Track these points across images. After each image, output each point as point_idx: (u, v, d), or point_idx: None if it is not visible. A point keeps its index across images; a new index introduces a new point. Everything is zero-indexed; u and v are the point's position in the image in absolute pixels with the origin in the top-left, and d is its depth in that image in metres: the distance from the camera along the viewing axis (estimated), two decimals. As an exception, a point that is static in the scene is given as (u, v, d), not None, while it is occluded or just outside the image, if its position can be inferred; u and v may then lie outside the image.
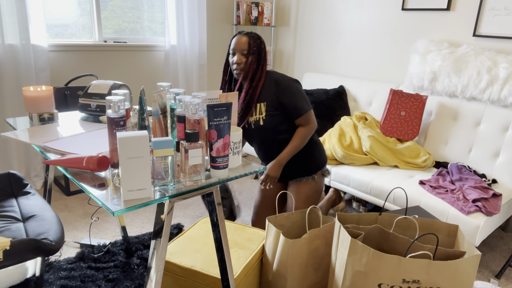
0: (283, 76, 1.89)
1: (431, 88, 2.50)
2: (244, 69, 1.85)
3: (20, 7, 2.41)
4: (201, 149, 1.02)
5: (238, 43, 1.83)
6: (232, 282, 1.31)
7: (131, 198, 0.94)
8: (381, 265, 1.14)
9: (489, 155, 2.24)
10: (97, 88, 1.71)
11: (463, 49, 2.38)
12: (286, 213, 1.61)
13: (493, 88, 2.21)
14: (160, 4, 3.22)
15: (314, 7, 3.29)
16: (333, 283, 1.32)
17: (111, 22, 3.00)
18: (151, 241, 1.07)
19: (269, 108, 1.89)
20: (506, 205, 1.99)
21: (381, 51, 2.91)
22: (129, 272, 1.82)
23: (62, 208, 2.47)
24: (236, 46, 1.83)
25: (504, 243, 2.27)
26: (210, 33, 3.52)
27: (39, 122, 1.56)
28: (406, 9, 2.71)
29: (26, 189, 1.56)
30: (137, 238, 2.11)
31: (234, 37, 1.86)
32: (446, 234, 1.37)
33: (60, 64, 2.74)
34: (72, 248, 2.03)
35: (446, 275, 1.12)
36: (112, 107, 1.05)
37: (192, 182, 1.04)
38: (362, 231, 1.31)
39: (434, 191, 2.00)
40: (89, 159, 1.04)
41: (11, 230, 1.28)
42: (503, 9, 2.28)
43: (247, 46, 1.83)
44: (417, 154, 2.38)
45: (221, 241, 1.25)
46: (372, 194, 2.19)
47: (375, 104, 2.78)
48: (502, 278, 1.95)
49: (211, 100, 1.29)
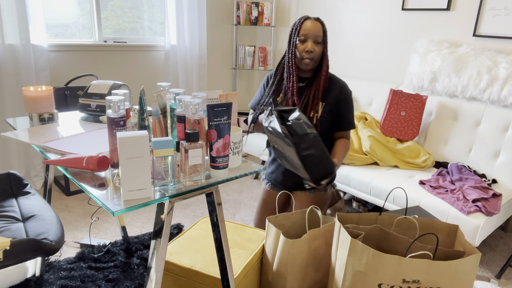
0: (346, 84, 1.76)
1: (431, 88, 2.50)
2: (315, 59, 1.66)
3: (20, 7, 2.41)
4: (201, 149, 1.02)
5: (312, 29, 1.60)
6: (232, 282, 1.31)
7: (131, 198, 0.94)
8: (381, 265, 1.14)
9: (489, 155, 2.24)
10: (97, 88, 1.71)
11: (463, 49, 2.38)
12: (286, 213, 1.61)
13: (493, 88, 2.21)
14: (160, 4, 3.22)
15: (314, 7, 3.29)
16: (333, 283, 1.32)
17: (111, 22, 3.00)
18: (151, 241, 1.07)
19: (326, 110, 1.73)
20: (506, 205, 1.99)
21: (381, 51, 2.91)
22: (129, 272, 1.82)
23: (62, 208, 2.47)
24: (310, 32, 1.61)
25: (504, 243, 2.27)
26: (210, 33, 3.52)
27: (39, 122, 1.55)
28: (406, 9, 2.71)
29: (26, 189, 1.56)
30: (137, 238, 2.11)
31: (304, 21, 1.63)
32: (446, 234, 1.37)
33: (60, 64, 2.74)
34: (72, 248, 2.03)
35: (446, 275, 1.12)
36: (112, 107, 1.05)
37: (192, 182, 1.04)
38: (362, 231, 1.31)
39: (434, 191, 2.00)
40: (89, 159, 1.04)
41: (11, 230, 1.28)
42: (503, 9, 2.28)
43: (322, 33, 1.63)
44: (417, 154, 2.38)
45: (221, 241, 1.25)
46: (372, 194, 2.19)
47: (375, 104, 2.78)
48: (502, 278, 1.95)
49: (211, 100, 1.29)
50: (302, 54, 1.65)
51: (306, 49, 1.63)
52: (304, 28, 1.62)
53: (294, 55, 1.68)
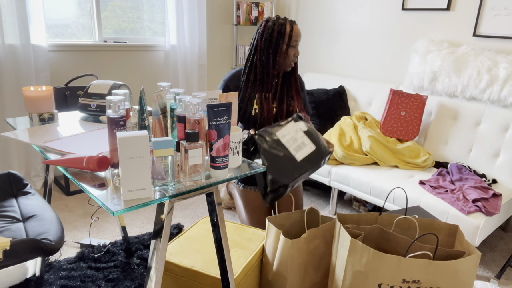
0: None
1: (431, 88, 2.50)
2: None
3: (20, 7, 2.41)
4: (201, 149, 1.02)
5: (299, 34, 1.68)
6: (232, 282, 1.31)
7: (131, 198, 0.94)
8: (381, 265, 1.14)
9: (489, 155, 2.24)
10: (97, 88, 1.71)
11: (463, 49, 2.38)
12: (285, 213, 1.61)
13: (493, 88, 2.21)
14: (160, 4, 3.22)
15: (314, 7, 3.29)
16: (333, 283, 1.32)
17: (111, 22, 3.00)
18: (151, 241, 1.07)
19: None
20: (506, 205, 1.99)
21: (381, 51, 2.91)
22: (129, 272, 1.82)
23: (62, 208, 2.47)
24: (298, 38, 1.69)
25: (504, 243, 2.27)
26: (210, 33, 3.52)
27: (39, 122, 1.55)
28: (406, 9, 2.71)
29: (26, 189, 1.56)
30: (137, 238, 2.11)
31: (292, 27, 1.66)
32: (446, 234, 1.37)
33: (60, 64, 2.74)
34: (72, 248, 2.03)
35: (446, 275, 1.12)
36: (112, 107, 1.05)
37: (192, 182, 1.04)
38: (362, 231, 1.31)
39: (434, 191, 2.00)
40: (89, 159, 1.04)
41: (11, 230, 1.28)
42: (503, 9, 2.28)
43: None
44: (417, 154, 2.38)
45: (221, 241, 1.25)
46: (372, 194, 2.19)
47: (375, 104, 2.78)
48: (502, 278, 1.95)
49: (211, 100, 1.29)
50: (293, 59, 1.70)
51: (296, 54, 1.70)
52: (296, 34, 1.67)
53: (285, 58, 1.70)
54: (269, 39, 1.67)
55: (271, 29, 1.66)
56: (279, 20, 1.67)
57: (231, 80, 1.82)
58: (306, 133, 1.56)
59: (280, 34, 1.66)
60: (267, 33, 1.67)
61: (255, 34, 1.73)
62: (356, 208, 2.63)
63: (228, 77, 1.83)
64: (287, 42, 1.67)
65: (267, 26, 1.67)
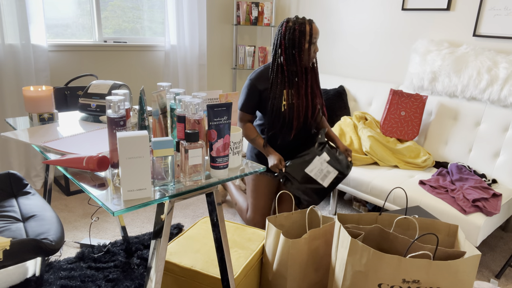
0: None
1: (431, 88, 2.50)
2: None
3: (20, 7, 2.41)
4: (201, 149, 1.02)
5: (317, 32, 1.82)
6: (232, 282, 1.31)
7: (131, 198, 0.94)
8: (381, 265, 1.14)
9: (489, 155, 2.24)
10: (97, 88, 1.71)
11: (463, 49, 2.38)
12: (286, 213, 1.61)
13: (493, 88, 2.21)
14: (160, 4, 3.22)
15: (314, 7, 3.29)
16: (333, 283, 1.32)
17: (111, 22, 3.00)
18: (151, 241, 1.07)
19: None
20: (506, 205, 1.99)
21: (381, 51, 2.91)
22: (129, 272, 1.82)
23: (62, 208, 2.47)
24: (317, 35, 1.82)
25: (504, 243, 2.27)
26: (210, 33, 3.52)
27: (39, 122, 1.56)
28: (406, 9, 2.71)
29: (26, 189, 1.56)
30: (137, 238, 2.11)
31: (311, 26, 1.79)
32: (446, 234, 1.37)
33: (60, 64, 2.74)
34: (72, 248, 2.03)
35: (446, 275, 1.12)
36: (112, 107, 1.05)
37: (192, 182, 1.04)
38: (362, 231, 1.31)
39: (434, 191, 2.00)
40: (89, 159, 1.04)
41: (11, 230, 1.28)
42: (503, 9, 2.28)
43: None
44: (417, 154, 2.38)
45: (221, 241, 1.25)
46: (372, 194, 2.19)
47: (375, 104, 2.78)
48: (502, 278, 1.95)
49: (211, 100, 1.29)
50: (313, 54, 1.84)
51: (316, 50, 1.84)
52: (315, 32, 1.80)
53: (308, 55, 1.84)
54: (292, 38, 1.79)
55: (292, 29, 1.79)
56: (298, 20, 1.80)
57: (258, 80, 1.93)
58: (329, 162, 1.92)
59: (301, 32, 1.78)
60: (289, 32, 1.80)
61: (277, 34, 1.85)
62: (356, 208, 2.63)
63: (255, 76, 1.93)
64: (308, 40, 1.79)
65: (288, 27, 1.80)
